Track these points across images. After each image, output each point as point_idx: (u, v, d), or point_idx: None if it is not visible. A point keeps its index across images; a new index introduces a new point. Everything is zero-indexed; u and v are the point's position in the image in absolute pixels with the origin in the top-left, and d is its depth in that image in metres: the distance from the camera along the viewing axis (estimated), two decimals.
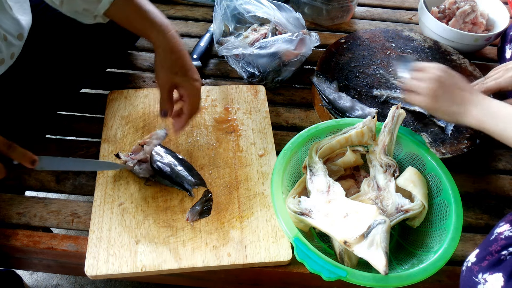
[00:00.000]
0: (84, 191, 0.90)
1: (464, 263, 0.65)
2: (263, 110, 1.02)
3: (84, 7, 0.78)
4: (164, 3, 1.35)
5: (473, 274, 0.61)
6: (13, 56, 0.82)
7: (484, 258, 0.62)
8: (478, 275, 0.61)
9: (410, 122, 0.99)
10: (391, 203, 0.77)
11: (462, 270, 0.64)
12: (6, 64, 0.81)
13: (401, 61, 0.98)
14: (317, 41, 1.08)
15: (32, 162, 0.68)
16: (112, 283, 1.22)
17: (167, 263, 0.77)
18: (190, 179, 0.87)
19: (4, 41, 0.79)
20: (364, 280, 0.68)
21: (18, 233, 0.83)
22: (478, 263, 0.62)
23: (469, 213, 0.92)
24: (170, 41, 0.78)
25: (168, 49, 0.78)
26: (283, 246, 0.80)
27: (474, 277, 0.61)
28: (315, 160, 0.81)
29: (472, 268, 0.62)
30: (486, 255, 0.62)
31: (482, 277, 0.60)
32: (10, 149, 0.66)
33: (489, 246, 0.63)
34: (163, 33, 0.77)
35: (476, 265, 0.62)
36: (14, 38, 0.81)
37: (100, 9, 0.77)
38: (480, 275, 0.61)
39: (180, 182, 0.86)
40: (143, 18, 0.77)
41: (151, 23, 0.77)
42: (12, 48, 0.81)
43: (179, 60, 0.78)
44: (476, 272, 0.61)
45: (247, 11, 1.13)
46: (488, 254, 0.62)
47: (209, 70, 1.16)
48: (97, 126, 0.98)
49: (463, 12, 1.20)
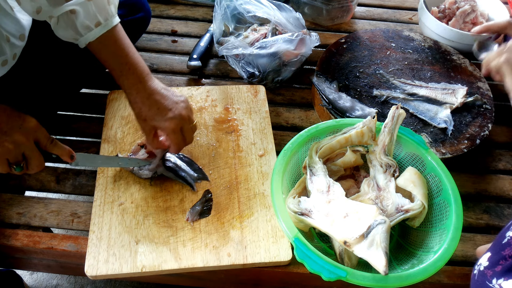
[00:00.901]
0: (84, 191, 0.90)
1: (476, 266, 0.64)
2: (263, 110, 1.02)
3: (67, 38, 0.78)
4: (164, 3, 1.35)
5: (487, 279, 0.61)
6: (15, 56, 0.83)
7: (498, 263, 0.61)
8: (492, 280, 0.60)
9: (410, 122, 0.99)
10: (391, 203, 0.77)
11: (474, 274, 0.64)
12: (9, 65, 0.82)
13: (482, 46, 1.07)
14: (317, 41, 1.08)
15: (71, 157, 0.76)
16: (112, 283, 1.22)
17: (167, 263, 0.77)
18: (192, 174, 0.88)
19: (7, 42, 0.79)
20: (364, 280, 0.68)
21: (18, 233, 0.83)
22: (491, 267, 0.62)
23: (469, 213, 0.92)
24: (133, 93, 0.79)
25: (133, 99, 0.80)
26: (283, 246, 0.80)
27: (488, 282, 0.60)
28: (315, 160, 0.81)
29: (485, 273, 0.62)
30: (499, 259, 0.62)
31: (496, 283, 0.59)
32: (52, 143, 0.73)
33: (502, 250, 0.63)
34: (128, 85, 0.79)
35: (489, 270, 0.61)
36: (16, 39, 0.81)
37: (80, 44, 0.78)
38: (494, 280, 0.60)
39: (183, 176, 0.87)
40: (113, 68, 0.79)
41: (119, 75, 0.79)
42: (14, 49, 0.81)
43: (143, 108, 0.79)
44: (490, 277, 0.61)
45: (247, 11, 1.13)
46: (502, 259, 0.61)
47: (209, 70, 1.16)
48: (97, 126, 0.98)
49: (463, 12, 1.19)
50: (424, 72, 1.10)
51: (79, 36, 0.76)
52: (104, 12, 0.77)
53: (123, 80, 0.79)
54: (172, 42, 1.23)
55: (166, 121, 0.80)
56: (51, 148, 0.73)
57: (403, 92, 1.04)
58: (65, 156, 0.75)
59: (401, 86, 1.06)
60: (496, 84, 1.19)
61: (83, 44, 0.78)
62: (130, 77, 0.79)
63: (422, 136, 0.93)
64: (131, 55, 0.80)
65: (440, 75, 1.10)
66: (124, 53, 0.79)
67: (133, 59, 0.80)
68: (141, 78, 0.80)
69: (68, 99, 1.05)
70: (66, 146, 0.75)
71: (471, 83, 1.09)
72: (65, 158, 0.75)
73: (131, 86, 0.79)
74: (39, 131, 0.72)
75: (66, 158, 0.75)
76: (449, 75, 1.10)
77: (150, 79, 0.81)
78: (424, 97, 1.03)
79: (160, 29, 1.27)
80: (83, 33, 0.76)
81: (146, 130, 0.82)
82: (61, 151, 0.74)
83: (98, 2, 0.75)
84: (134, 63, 0.80)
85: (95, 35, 0.76)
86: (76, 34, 0.76)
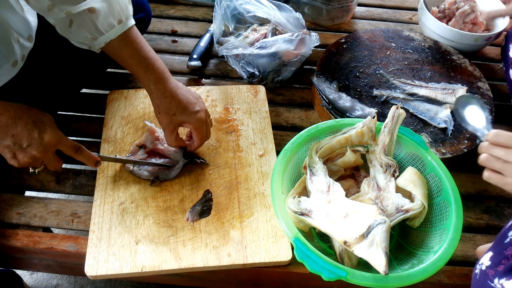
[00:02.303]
0: (84, 191, 0.90)
1: (477, 265, 0.64)
2: (263, 110, 1.02)
3: (80, 41, 0.78)
4: (164, 3, 1.35)
5: (489, 279, 0.60)
6: (24, 58, 0.82)
7: (500, 262, 0.61)
8: (494, 280, 0.60)
9: (410, 122, 0.99)
10: (391, 203, 0.77)
11: (475, 273, 0.64)
12: (19, 66, 0.81)
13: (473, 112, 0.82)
14: (317, 41, 1.08)
15: (96, 163, 0.78)
16: (112, 283, 1.22)
17: (167, 263, 0.77)
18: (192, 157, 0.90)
19: (17, 42, 0.79)
20: (364, 280, 0.68)
21: (18, 233, 0.83)
22: (493, 267, 0.61)
23: (469, 213, 0.92)
24: (161, 88, 0.80)
25: (161, 95, 0.80)
26: (283, 246, 0.80)
27: (490, 282, 0.60)
28: (315, 160, 0.81)
29: (487, 272, 0.61)
30: (501, 259, 0.61)
31: (498, 282, 0.59)
32: (77, 152, 0.75)
33: (504, 250, 0.62)
34: (154, 81, 0.79)
35: (491, 269, 0.61)
36: (25, 40, 0.81)
37: (95, 45, 0.78)
38: (496, 280, 0.60)
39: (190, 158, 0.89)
40: (137, 64, 0.79)
41: (144, 71, 0.79)
42: (23, 50, 0.81)
43: (172, 102, 0.80)
44: (492, 276, 0.60)
45: (247, 11, 1.13)
46: (504, 258, 0.61)
47: (209, 70, 1.16)
48: (97, 126, 0.98)
49: (463, 13, 1.20)
50: (424, 72, 1.10)
51: (99, 35, 0.76)
52: (126, 10, 0.77)
53: (148, 76, 0.79)
54: (172, 42, 1.23)
55: (195, 115, 0.82)
56: (76, 156, 0.76)
57: (403, 92, 1.04)
58: (90, 164, 0.78)
59: (401, 86, 1.06)
60: (496, 84, 1.19)
61: (102, 43, 0.77)
62: (156, 73, 0.79)
63: (422, 136, 0.93)
64: (152, 52, 0.80)
65: (440, 75, 1.10)
66: (147, 49, 0.79)
67: (154, 55, 0.80)
68: (164, 73, 0.80)
69: (68, 99, 1.05)
70: (92, 154, 0.77)
71: (471, 83, 1.09)
72: (90, 165, 0.78)
73: (157, 81, 0.79)
74: (61, 144, 0.73)
75: (91, 165, 0.78)
76: (449, 75, 1.10)
77: (170, 75, 0.82)
78: (424, 97, 1.03)
79: (160, 29, 1.27)
80: (104, 31, 0.75)
81: (172, 126, 0.82)
82: (86, 159, 0.77)
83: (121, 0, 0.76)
84: (157, 59, 0.80)
85: (116, 32, 0.76)
86: (96, 33, 0.75)
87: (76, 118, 1.03)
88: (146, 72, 0.79)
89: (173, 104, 0.80)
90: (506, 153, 0.68)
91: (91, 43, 0.77)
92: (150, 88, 0.80)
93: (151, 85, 0.80)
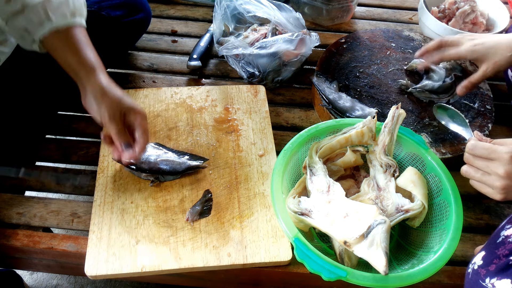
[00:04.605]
0: (84, 191, 0.90)
1: (470, 265, 0.64)
2: (263, 110, 1.02)
3: (26, 27, 0.76)
4: (164, 3, 1.35)
5: (480, 278, 0.61)
6: None
7: (492, 262, 0.61)
8: (485, 279, 0.60)
9: (410, 122, 0.99)
10: (391, 203, 0.77)
11: (468, 272, 0.64)
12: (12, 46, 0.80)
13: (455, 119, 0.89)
14: (317, 41, 1.08)
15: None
16: (112, 283, 1.22)
17: (167, 263, 0.77)
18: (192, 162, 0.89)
19: None
20: (364, 280, 0.68)
21: (18, 233, 0.83)
22: (485, 266, 0.62)
23: (469, 213, 0.92)
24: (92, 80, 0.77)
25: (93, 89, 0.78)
26: (283, 246, 0.80)
27: (482, 281, 0.60)
28: (315, 160, 0.81)
29: (479, 272, 0.62)
30: (493, 258, 0.62)
31: (489, 282, 0.59)
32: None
33: (496, 249, 0.62)
34: (88, 79, 0.77)
35: (483, 269, 0.61)
36: None
37: (39, 32, 0.75)
38: (487, 279, 0.60)
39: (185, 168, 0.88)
40: (77, 61, 0.77)
41: (81, 68, 0.77)
42: None
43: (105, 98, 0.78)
44: (484, 276, 0.61)
45: (247, 11, 1.13)
46: (496, 258, 0.61)
47: (209, 70, 1.16)
48: (97, 126, 0.98)
49: (463, 13, 1.20)
50: None
51: (48, 20, 0.74)
52: (81, 10, 0.78)
53: (77, 77, 0.78)
54: (172, 42, 1.23)
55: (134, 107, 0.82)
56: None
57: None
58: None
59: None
60: (496, 84, 1.19)
61: (46, 30, 0.74)
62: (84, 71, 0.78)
63: (422, 136, 0.93)
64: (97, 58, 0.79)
65: None
66: (91, 53, 0.78)
67: (98, 62, 0.79)
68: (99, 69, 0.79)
69: (68, 99, 1.04)
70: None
71: None
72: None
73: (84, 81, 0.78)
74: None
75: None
76: None
77: (104, 71, 0.80)
78: None
79: (160, 29, 1.27)
80: (53, 18, 0.74)
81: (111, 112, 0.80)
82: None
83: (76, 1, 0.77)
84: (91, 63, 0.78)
85: (66, 22, 0.75)
86: (45, 18, 0.74)
87: (76, 118, 1.03)
88: (82, 69, 0.77)
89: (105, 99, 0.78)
90: (485, 164, 0.69)
91: (36, 29, 0.75)
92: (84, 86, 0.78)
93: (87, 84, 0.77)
